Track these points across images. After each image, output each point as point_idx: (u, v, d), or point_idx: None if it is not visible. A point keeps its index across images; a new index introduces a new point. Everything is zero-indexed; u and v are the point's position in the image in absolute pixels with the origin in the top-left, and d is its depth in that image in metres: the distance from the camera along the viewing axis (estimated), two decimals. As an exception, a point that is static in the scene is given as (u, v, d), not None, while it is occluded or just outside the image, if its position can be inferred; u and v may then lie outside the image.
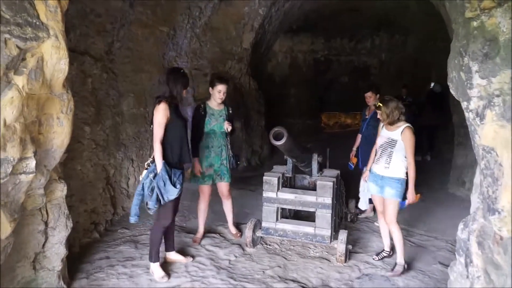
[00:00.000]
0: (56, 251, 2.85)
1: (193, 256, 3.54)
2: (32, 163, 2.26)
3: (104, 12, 4.11)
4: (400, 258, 3.41)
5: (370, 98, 4.61)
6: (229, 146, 3.82)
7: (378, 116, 3.42)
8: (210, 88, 3.73)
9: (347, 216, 4.49)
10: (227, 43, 6.84)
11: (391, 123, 3.33)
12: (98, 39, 4.20)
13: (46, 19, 2.15)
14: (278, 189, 3.71)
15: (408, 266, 3.45)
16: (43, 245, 2.77)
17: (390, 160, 3.34)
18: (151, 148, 3.74)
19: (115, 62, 4.57)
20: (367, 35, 11.35)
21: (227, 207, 4.07)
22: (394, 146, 3.31)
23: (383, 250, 3.70)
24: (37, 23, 2.09)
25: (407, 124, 3.30)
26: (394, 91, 7.27)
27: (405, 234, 3.96)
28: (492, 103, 1.72)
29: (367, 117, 4.77)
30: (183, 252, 3.59)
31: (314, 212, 3.63)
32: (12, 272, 2.55)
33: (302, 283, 3.21)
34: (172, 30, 5.55)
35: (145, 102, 4.97)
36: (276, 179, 3.69)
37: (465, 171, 5.52)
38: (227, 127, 3.71)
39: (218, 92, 3.67)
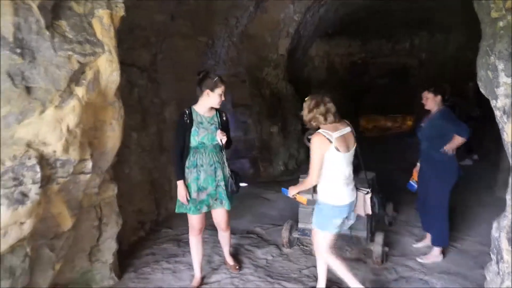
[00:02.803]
0: (108, 246, 3.13)
1: None
2: (89, 165, 2.54)
3: (149, 26, 4.42)
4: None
5: (427, 100, 3.47)
6: (226, 163, 3.02)
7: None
8: (208, 91, 2.86)
9: (385, 219, 4.46)
10: (263, 50, 7.02)
11: (314, 128, 2.61)
12: (143, 51, 4.52)
13: (101, 36, 2.44)
14: (313, 191, 3.78)
15: (449, 270, 3.38)
16: (97, 239, 3.06)
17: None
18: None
19: (158, 72, 4.88)
20: (405, 36, 11.08)
21: (224, 239, 3.36)
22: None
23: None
24: (94, 40, 2.38)
25: (320, 130, 2.58)
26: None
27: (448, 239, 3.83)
28: (518, 101, 1.72)
29: (422, 124, 3.64)
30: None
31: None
32: (72, 263, 2.85)
33: (338, 283, 3.25)
34: (210, 40, 5.82)
35: (186, 109, 5.24)
36: (312, 181, 3.76)
37: (514, 173, 5.25)
38: (221, 137, 2.91)
39: (219, 95, 2.88)
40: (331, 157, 2.52)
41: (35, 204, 2.12)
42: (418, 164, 3.80)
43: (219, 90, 2.87)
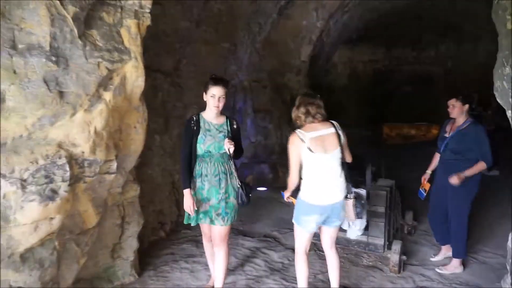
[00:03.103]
0: (129, 244, 3.26)
1: None
2: (114, 165, 2.68)
3: (174, 33, 4.57)
4: None
5: (454, 108, 3.36)
6: (235, 174, 2.82)
7: None
8: (204, 94, 2.81)
9: (404, 227, 4.41)
10: (285, 56, 7.08)
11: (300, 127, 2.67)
12: (167, 57, 4.67)
13: (128, 44, 2.58)
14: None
15: (468, 282, 3.33)
16: (120, 237, 3.19)
17: None
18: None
19: (181, 77, 5.02)
20: (431, 43, 10.90)
21: (219, 259, 2.90)
22: None
23: None
24: (122, 48, 2.52)
25: (297, 130, 2.63)
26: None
27: (469, 251, 3.77)
28: (533, 113, 1.69)
29: (446, 134, 3.50)
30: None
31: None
32: (96, 258, 2.99)
33: (352, 289, 3.26)
34: (233, 45, 5.93)
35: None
36: (329, 187, 3.78)
37: (541, 185, 5.07)
38: (228, 146, 2.71)
39: (212, 96, 2.72)
40: (305, 157, 2.59)
41: (64, 201, 2.27)
42: (428, 172, 3.76)
43: (210, 92, 2.73)
